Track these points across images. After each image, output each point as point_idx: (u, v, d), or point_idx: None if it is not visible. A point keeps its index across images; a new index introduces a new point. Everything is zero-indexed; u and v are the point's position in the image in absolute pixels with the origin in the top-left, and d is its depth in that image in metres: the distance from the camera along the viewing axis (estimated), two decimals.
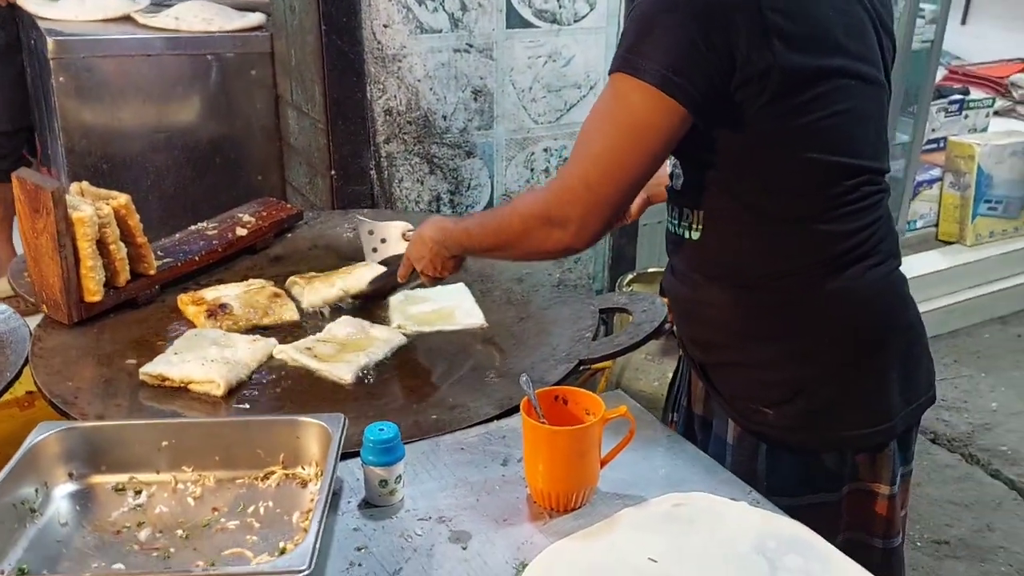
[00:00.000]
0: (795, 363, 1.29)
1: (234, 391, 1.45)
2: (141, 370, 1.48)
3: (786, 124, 1.18)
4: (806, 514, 1.13)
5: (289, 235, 2.12)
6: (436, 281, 1.61)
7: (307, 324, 1.70)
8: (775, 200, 1.23)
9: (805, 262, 1.25)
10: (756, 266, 1.26)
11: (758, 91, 1.15)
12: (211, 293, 1.73)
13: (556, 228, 1.23)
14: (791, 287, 1.26)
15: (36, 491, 1.11)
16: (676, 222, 1.34)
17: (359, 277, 1.80)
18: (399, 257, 1.67)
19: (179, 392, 1.45)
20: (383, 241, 1.80)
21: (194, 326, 1.65)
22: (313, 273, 1.84)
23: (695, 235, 1.30)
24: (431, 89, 2.56)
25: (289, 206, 2.19)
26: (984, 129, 4.21)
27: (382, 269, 1.80)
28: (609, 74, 1.20)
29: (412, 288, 1.76)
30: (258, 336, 1.60)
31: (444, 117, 2.61)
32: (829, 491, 1.33)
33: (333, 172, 2.52)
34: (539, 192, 1.28)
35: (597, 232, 1.24)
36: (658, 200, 1.67)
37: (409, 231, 1.76)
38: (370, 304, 1.77)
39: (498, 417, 1.37)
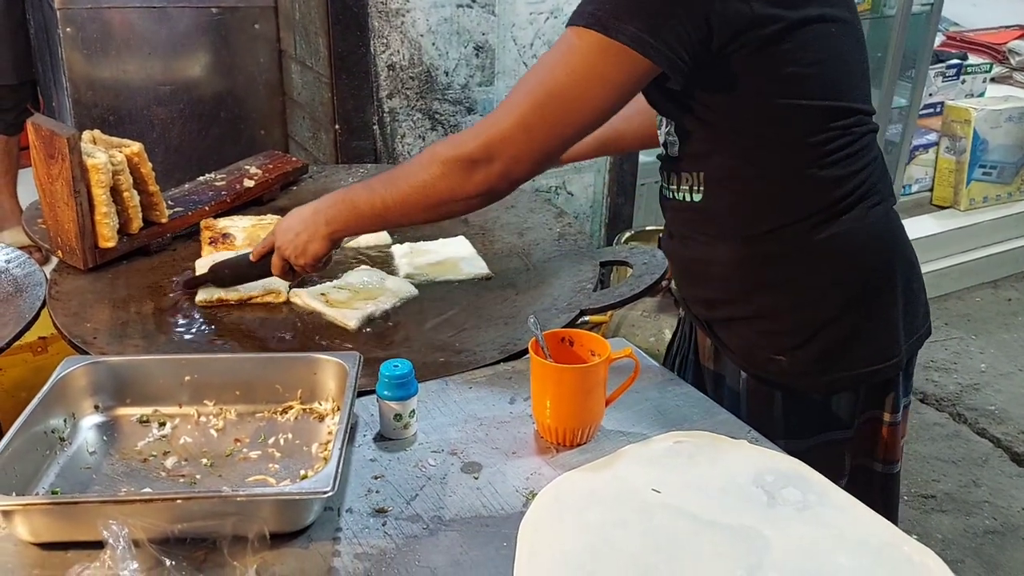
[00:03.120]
0: (805, 308, 1.31)
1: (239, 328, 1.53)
2: (198, 299, 1.57)
3: (773, 75, 1.20)
4: (820, 452, 1.16)
5: (294, 188, 2.15)
6: (291, 273, 1.44)
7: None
8: (773, 152, 1.25)
9: (809, 210, 1.27)
10: (761, 220, 1.28)
11: (739, 47, 1.16)
12: (224, 222, 1.87)
13: (480, 168, 1.23)
14: (797, 235, 1.28)
15: (64, 421, 1.15)
16: (675, 187, 1.35)
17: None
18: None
19: (193, 334, 1.50)
20: None
21: None
22: None
23: (696, 197, 1.31)
24: (433, 44, 2.57)
25: (295, 159, 2.22)
26: (981, 94, 4.24)
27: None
28: (568, 26, 1.19)
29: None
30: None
31: (446, 73, 2.63)
32: (843, 428, 1.36)
33: (337, 127, 2.54)
34: (460, 135, 1.27)
35: (522, 177, 1.24)
36: (614, 149, 1.73)
37: None
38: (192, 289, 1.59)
39: (503, 360, 1.41)
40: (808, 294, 1.31)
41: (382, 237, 1.84)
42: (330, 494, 0.97)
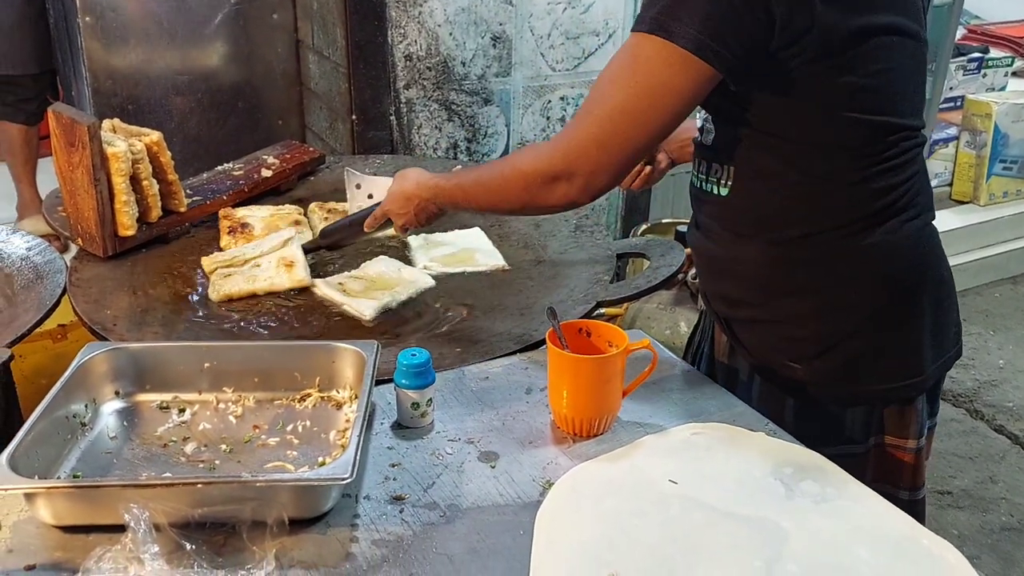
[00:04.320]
0: (827, 318, 1.28)
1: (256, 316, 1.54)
2: (214, 297, 1.57)
3: (828, 83, 1.16)
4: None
5: (311, 178, 2.16)
6: (407, 230, 1.58)
7: (316, 253, 1.75)
8: (813, 158, 1.21)
9: (842, 219, 1.23)
10: (790, 223, 1.25)
11: (799, 51, 1.13)
12: (242, 211, 1.88)
13: (561, 183, 1.23)
14: (826, 242, 1.25)
15: (86, 406, 1.16)
16: (703, 177, 1.32)
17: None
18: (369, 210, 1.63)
19: (211, 322, 1.51)
20: (370, 197, 1.71)
21: None
22: (332, 204, 1.92)
23: (723, 191, 1.28)
24: (451, 34, 2.57)
25: (312, 149, 2.23)
26: (1002, 88, 4.19)
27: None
28: (633, 32, 1.17)
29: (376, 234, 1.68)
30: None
31: (463, 63, 2.62)
32: (856, 443, 1.34)
33: (354, 117, 2.54)
34: (543, 148, 1.26)
35: (604, 188, 1.24)
36: (683, 161, 1.66)
37: None
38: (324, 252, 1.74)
39: (520, 351, 1.41)
40: (833, 304, 1.28)
41: None
42: (348, 480, 0.98)
